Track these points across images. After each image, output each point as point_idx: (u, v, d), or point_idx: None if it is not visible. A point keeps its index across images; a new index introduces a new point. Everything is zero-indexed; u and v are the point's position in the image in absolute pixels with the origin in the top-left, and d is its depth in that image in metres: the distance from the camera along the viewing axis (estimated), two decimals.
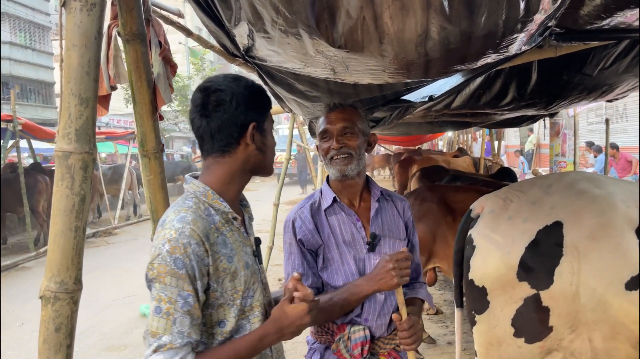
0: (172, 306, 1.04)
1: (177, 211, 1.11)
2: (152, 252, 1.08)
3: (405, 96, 2.99)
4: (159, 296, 1.05)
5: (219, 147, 1.17)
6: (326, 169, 1.62)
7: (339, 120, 1.59)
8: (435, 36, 1.51)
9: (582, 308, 1.75)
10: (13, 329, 4.96)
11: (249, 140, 1.17)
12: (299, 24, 1.48)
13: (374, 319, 1.56)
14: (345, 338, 1.53)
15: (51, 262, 1.16)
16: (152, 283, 1.07)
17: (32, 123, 8.88)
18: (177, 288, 1.04)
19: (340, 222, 1.59)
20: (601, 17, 1.72)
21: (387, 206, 1.66)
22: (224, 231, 1.14)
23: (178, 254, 1.04)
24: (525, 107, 3.62)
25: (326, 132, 1.60)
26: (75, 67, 1.16)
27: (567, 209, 1.82)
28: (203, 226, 1.09)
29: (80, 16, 1.16)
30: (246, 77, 1.23)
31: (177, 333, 1.04)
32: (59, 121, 1.18)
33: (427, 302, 1.71)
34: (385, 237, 1.60)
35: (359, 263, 1.56)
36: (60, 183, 1.16)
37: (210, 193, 1.16)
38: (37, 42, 26.47)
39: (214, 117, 1.14)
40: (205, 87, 1.18)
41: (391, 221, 1.65)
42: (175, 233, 1.05)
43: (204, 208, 1.14)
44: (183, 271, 1.04)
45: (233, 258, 1.14)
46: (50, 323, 1.15)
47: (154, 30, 1.74)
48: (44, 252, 8.31)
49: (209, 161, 1.20)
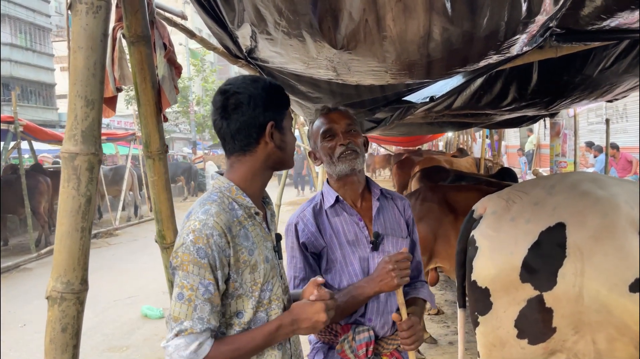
0: (194, 293, 1.09)
1: (203, 204, 1.17)
2: (177, 241, 1.14)
3: (407, 97, 3.00)
4: (182, 283, 1.10)
5: (239, 146, 1.22)
6: (330, 169, 1.62)
7: (341, 118, 1.61)
8: (438, 37, 1.52)
9: (586, 310, 1.75)
10: (15, 330, 4.97)
11: (268, 139, 1.22)
12: (301, 26, 1.48)
13: (377, 319, 1.57)
14: (349, 338, 1.54)
15: (57, 263, 1.17)
16: (176, 270, 1.12)
17: (33, 125, 8.89)
18: (199, 276, 1.09)
19: (342, 222, 1.60)
20: (601, 18, 1.72)
21: (387, 205, 1.67)
22: (246, 225, 1.20)
23: (201, 244, 1.10)
24: (525, 108, 3.63)
25: (330, 131, 1.61)
26: (81, 69, 1.17)
27: (570, 210, 1.82)
28: (226, 219, 1.14)
29: (86, 19, 1.17)
30: (264, 78, 1.29)
31: (198, 318, 1.09)
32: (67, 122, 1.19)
33: (429, 302, 1.71)
34: (388, 236, 1.61)
35: (363, 263, 1.56)
36: (67, 184, 1.17)
37: (235, 189, 1.22)
38: (37, 43, 26.50)
39: (233, 118, 1.20)
40: (224, 89, 1.23)
41: (393, 219, 1.66)
42: (199, 224, 1.11)
43: (228, 203, 1.19)
44: (205, 261, 1.10)
45: (254, 251, 1.18)
46: (56, 323, 1.16)
47: (158, 32, 1.75)
48: (45, 253, 8.32)
49: (231, 160, 1.26)
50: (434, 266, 3.78)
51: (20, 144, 8.34)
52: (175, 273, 1.13)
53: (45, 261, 8.01)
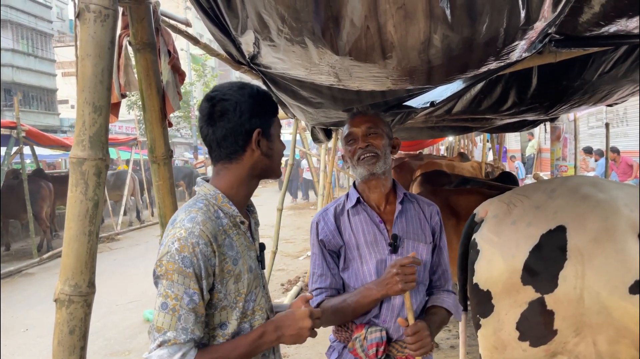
0: (178, 303, 1.07)
1: (188, 211, 1.15)
2: (161, 249, 1.11)
3: (407, 102, 3.02)
4: (166, 292, 1.08)
5: (226, 154, 1.21)
6: (353, 172, 1.65)
7: (362, 122, 1.64)
8: (438, 44, 1.54)
9: (587, 312, 1.76)
10: (17, 335, 4.98)
11: (255, 146, 1.20)
12: (304, 33, 1.51)
13: (392, 321, 1.57)
14: (361, 337, 1.55)
15: (65, 266, 1.19)
16: (160, 279, 1.10)
17: (35, 130, 8.93)
18: (184, 286, 1.07)
19: (362, 223, 1.61)
20: (600, 24, 1.74)
21: (411, 209, 1.67)
22: (231, 234, 1.18)
23: (186, 253, 1.08)
24: (525, 112, 3.65)
25: (351, 135, 1.64)
26: (89, 76, 1.19)
27: (570, 213, 1.84)
28: (212, 228, 1.13)
29: (94, 27, 1.20)
30: (251, 85, 1.27)
31: (182, 329, 1.07)
32: (75, 128, 1.21)
33: (453, 313, 1.66)
34: (408, 239, 1.61)
35: (379, 265, 1.57)
36: (75, 188, 1.19)
37: (221, 197, 1.20)
38: (39, 49, 26.62)
39: (219, 125, 1.19)
40: (211, 96, 1.22)
41: (416, 223, 1.65)
42: (185, 233, 1.09)
43: (214, 211, 1.17)
44: (190, 270, 1.08)
45: (238, 261, 1.17)
46: (64, 325, 1.18)
47: (163, 40, 1.78)
48: (47, 258, 8.33)
49: (218, 167, 1.24)
50: None
51: (23, 149, 8.37)
52: (159, 282, 1.11)
53: (47, 266, 8.02)
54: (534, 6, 1.41)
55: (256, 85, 1.29)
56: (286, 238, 9.10)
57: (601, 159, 8.78)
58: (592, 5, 1.67)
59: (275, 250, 5.26)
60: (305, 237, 9.47)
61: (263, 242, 1.35)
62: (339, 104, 2.76)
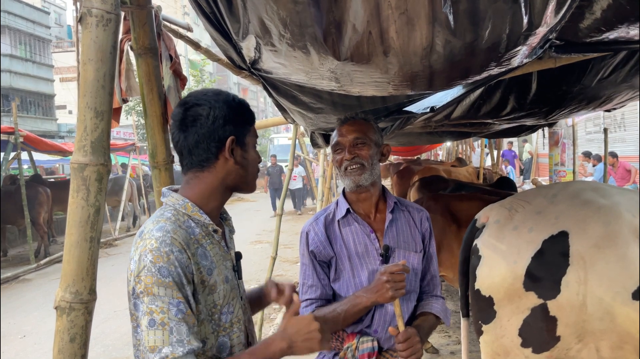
0: (166, 316, 1.01)
1: (156, 221, 1.09)
2: (134, 266, 1.05)
3: (407, 107, 3.03)
4: (150, 308, 1.01)
5: (197, 161, 1.16)
6: (341, 181, 1.64)
7: (350, 132, 1.62)
8: (440, 49, 1.54)
9: (589, 318, 1.76)
10: (15, 342, 4.94)
11: (228, 154, 1.15)
12: (306, 38, 1.50)
13: (383, 330, 1.57)
14: (353, 347, 1.54)
15: (66, 273, 1.18)
16: (140, 297, 1.03)
17: (33, 135, 8.91)
18: (167, 297, 1.01)
19: (353, 233, 1.60)
20: (601, 30, 1.75)
21: (401, 217, 1.66)
22: (204, 244, 1.13)
23: (162, 263, 1.02)
24: (524, 117, 3.66)
25: (338, 144, 1.63)
26: (91, 81, 1.18)
27: (572, 219, 1.83)
28: (183, 236, 1.08)
29: (96, 31, 1.19)
30: (227, 92, 1.22)
31: (177, 342, 1.00)
32: (76, 134, 1.20)
33: (442, 318, 1.67)
34: (399, 249, 1.60)
35: (371, 275, 1.56)
36: (76, 194, 1.18)
37: (190, 206, 1.14)
38: (37, 54, 26.63)
39: (191, 131, 1.14)
40: (184, 101, 1.18)
41: (406, 232, 1.64)
42: (156, 243, 1.04)
43: (184, 220, 1.12)
44: (169, 279, 1.02)
45: (213, 271, 1.12)
46: (65, 333, 1.16)
47: (164, 44, 1.78)
48: (45, 264, 8.29)
49: (188, 176, 1.18)
50: None
51: (20, 155, 8.34)
52: (138, 301, 1.03)
53: (45, 272, 7.98)
54: (536, 12, 1.42)
55: (233, 94, 1.24)
56: (285, 243, 9.08)
57: (599, 164, 8.81)
58: (593, 11, 1.67)
59: (274, 255, 5.23)
60: None
61: (239, 251, 1.29)
62: (339, 109, 2.76)
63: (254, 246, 9.27)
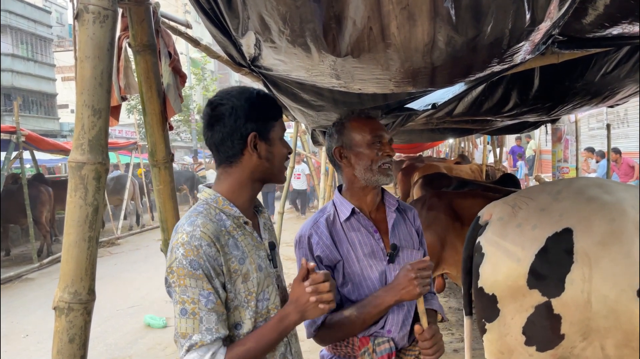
0: (197, 306, 1.09)
1: (188, 216, 1.17)
2: (169, 256, 1.13)
3: (409, 104, 3.01)
4: (182, 298, 1.10)
5: (225, 157, 1.24)
6: (364, 175, 1.55)
7: (383, 129, 1.61)
8: (442, 45, 1.52)
9: (594, 316, 1.74)
10: (17, 341, 4.95)
11: (251, 150, 1.22)
12: (306, 34, 1.49)
13: (397, 330, 1.54)
14: (370, 350, 1.50)
15: (65, 273, 1.16)
16: (172, 287, 1.12)
17: (35, 135, 8.91)
18: (198, 288, 1.09)
19: (358, 235, 1.56)
20: (604, 25, 1.73)
21: (400, 217, 1.65)
22: (235, 235, 1.19)
23: (192, 256, 1.09)
24: (527, 113, 3.63)
25: (380, 138, 1.57)
26: (88, 78, 1.17)
27: (577, 215, 1.81)
28: (213, 229, 1.14)
29: (93, 28, 1.18)
30: (252, 89, 1.28)
31: (206, 330, 1.09)
32: (74, 132, 1.19)
33: (440, 312, 1.68)
34: (403, 248, 1.59)
35: (381, 276, 1.53)
36: (74, 193, 1.17)
37: (221, 199, 1.21)
38: (39, 54, 26.66)
39: (216, 130, 1.22)
40: (210, 101, 1.25)
41: (405, 231, 1.64)
42: (187, 237, 1.11)
43: (215, 214, 1.19)
44: (200, 272, 1.09)
45: (245, 260, 1.18)
46: (64, 333, 1.15)
47: (163, 41, 1.76)
48: (48, 263, 8.30)
49: (219, 171, 1.27)
50: (441, 272, 3.77)
51: (22, 154, 8.35)
52: (172, 290, 1.13)
53: (48, 271, 7.99)
54: (539, 7, 1.40)
55: (258, 89, 1.29)
56: (287, 241, 9.08)
57: (602, 160, 8.77)
58: (596, 6, 1.65)
59: None
60: None
61: (274, 241, 1.34)
62: (340, 107, 2.75)
63: None
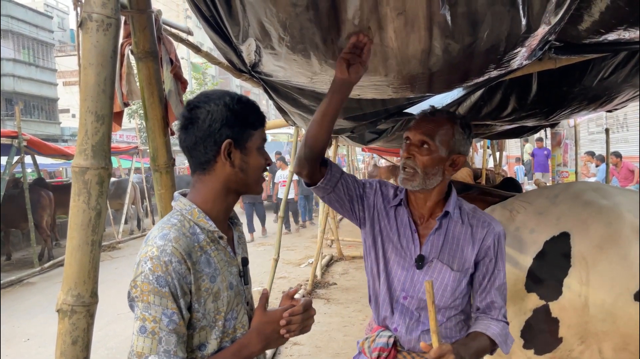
0: (157, 325, 1.03)
1: (161, 228, 1.10)
2: (135, 269, 1.07)
3: (408, 109, 3.03)
4: (143, 315, 1.04)
5: (197, 163, 1.17)
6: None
7: (420, 130, 1.48)
8: (439, 52, 1.54)
9: (592, 319, 1.75)
10: (19, 345, 4.95)
11: (224, 158, 1.15)
12: (305, 40, 1.51)
13: (404, 332, 1.51)
14: (371, 339, 1.52)
15: (68, 276, 1.18)
16: (135, 302, 1.06)
17: (36, 139, 8.93)
18: (161, 306, 1.03)
19: (401, 224, 1.53)
20: (600, 32, 1.74)
21: (454, 228, 1.50)
22: (208, 251, 1.13)
23: (160, 272, 1.04)
24: (526, 118, 3.65)
25: (407, 138, 1.50)
26: (92, 85, 1.19)
27: (574, 220, 1.83)
28: (185, 244, 1.08)
29: (97, 36, 1.20)
30: (234, 94, 1.20)
31: (164, 352, 1.03)
32: (77, 137, 1.21)
33: (498, 344, 1.44)
34: (437, 260, 1.48)
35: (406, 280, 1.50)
36: (77, 198, 1.19)
37: (197, 211, 1.15)
38: (40, 58, 26.78)
39: (190, 132, 1.15)
40: (189, 102, 1.19)
41: (455, 245, 1.49)
42: (157, 251, 1.05)
43: (189, 227, 1.13)
44: (166, 289, 1.04)
45: (216, 278, 1.13)
46: (67, 336, 1.17)
47: (165, 48, 1.79)
48: (49, 267, 8.30)
49: (194, 178, 1.20)
50: None
51: (24, 159, 8.38)
52: (134, 304, 1.06)
53: (49, 276, 8.00)
54: (535, 14, 1.42)
55: (241, 95, 1.22)
56: (287, 245, 9.08)
57: (602, 164, 8.78)
58: (591, 13, 1.67)
59: (277, 257, 5.24)
60: (306, 245, 9.46)
61: (246, 256, 1.28)
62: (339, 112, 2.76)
63: (257, 248, 9.28)
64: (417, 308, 1.50)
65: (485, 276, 1.49)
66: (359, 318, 5.06)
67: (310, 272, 6.37)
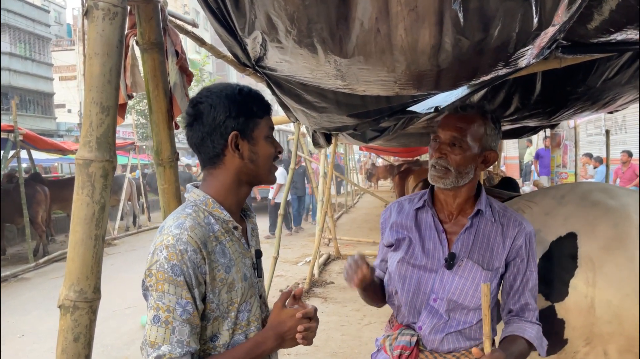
0: (171, 315, 1.02)
1: (176, 217, 1.10)
2: (149, 258, 1.06)
3: (411, 107, 3.01)
4: (157, 304, 1.03)
5: (207, 158, 1.17)
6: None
7: (451, 127, 1.44)
8: (449, 48, 1.52)
9: (597, 321, 1.74)
10: (13, 341, 4.91)
11: (233, 150, 1.14)
12: (313, 34, 1.49)
13: (428, 331, 1.47)
14: (392, 337, 1.49)
15: (70, 271, 1.15)
16: (149, 291, 1.05)
17: (33, 134, 8.87)
18: (175, 296, 1.02)
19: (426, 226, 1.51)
20: (609, 31, 1.73)
21: (486, 227, 1.47)
22: (223, 241, 1.13)
23: (175, 261, 1.03)
24: (528, 118, 3.64)
25: (437, 137, 1.46)
26: (97, 75, 1.16)
27: (581, 220, 1.81)
28: (201, 234, 1.07)
29: (103, 25, 1.17)
30: (236, 85, 1.19)
31: (177, 342, 1.02)
32: (82, 129, 1.18)
33: (536, 346, 1.43)
34: (468, 259, 1.44)
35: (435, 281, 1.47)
36: (81, 191, 1.16)
37: (211, 202, 1.14)
38: (36, 53, 26.63)
39: (195, 129, 1.15)
40: (192, 99, 1.19)
41: (485, 244, 1.45)
42: (172, 240, 1.04)
43: (204, 217, 1.12)
44: (181, 278, 1.03)
45: (231, 269, 1.12)
46: (68, 332, 1.14)
47: (170, 40, 1.75)
48: (43, 263, 8.25)
49: (204, 173, 1.20)
50: None
51: (20, 153, 8.31)
52: (148, 293, 1.05)
53: (43, 271, 7.94)
54: (547, 11, 1.40)
55: (242, 86, 1.20)
56: (284, 243, 9.06)
57: (600, 166, 8.80)
58: (602, 11, 1.65)
59: (276, 255, 5.23)
60: (303, 243, 9.45)
61: (260, 249, 1.27)
62: (343, 109, 2.75)
63: None
64: (447, 309, 1.46)
65: (517, 277, 1.46)
66: (356, 317, 5.05)
67: (307, 270, 6.35)
